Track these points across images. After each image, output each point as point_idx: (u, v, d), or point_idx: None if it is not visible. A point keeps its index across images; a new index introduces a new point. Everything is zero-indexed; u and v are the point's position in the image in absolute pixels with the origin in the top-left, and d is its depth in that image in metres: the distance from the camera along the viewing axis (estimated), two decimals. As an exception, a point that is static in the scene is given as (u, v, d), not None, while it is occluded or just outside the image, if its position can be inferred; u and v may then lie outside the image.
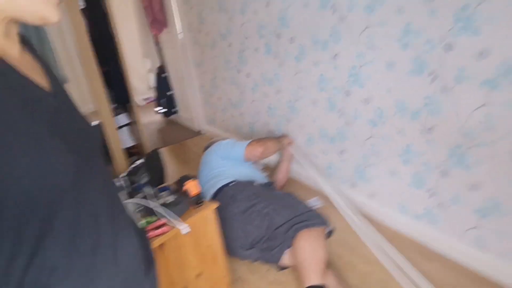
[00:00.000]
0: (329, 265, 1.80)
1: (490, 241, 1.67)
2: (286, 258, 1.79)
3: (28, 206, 0.54)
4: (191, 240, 1.27)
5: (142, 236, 0.81)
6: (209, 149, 2.41)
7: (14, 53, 0.59)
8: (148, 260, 0.79)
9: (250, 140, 2.33)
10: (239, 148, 2.27)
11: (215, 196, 2.00)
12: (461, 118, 1.57)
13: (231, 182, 2.02)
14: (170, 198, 1.30)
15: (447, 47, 1.51)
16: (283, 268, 1.86)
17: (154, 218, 1.23)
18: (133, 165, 2.25)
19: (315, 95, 2.29)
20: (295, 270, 1.76)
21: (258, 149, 2.26)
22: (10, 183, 0.51)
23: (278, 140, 2.50)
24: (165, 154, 3.54)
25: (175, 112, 4.34)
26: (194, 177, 1.38)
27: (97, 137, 0.74)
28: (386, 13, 1.69)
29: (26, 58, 0.63)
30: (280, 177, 2.59)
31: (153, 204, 1.26)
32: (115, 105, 2.90)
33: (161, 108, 4.36)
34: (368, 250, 1.94)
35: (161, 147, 3.71)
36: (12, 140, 0.50)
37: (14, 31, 0.59)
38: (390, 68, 1.77)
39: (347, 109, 2.11)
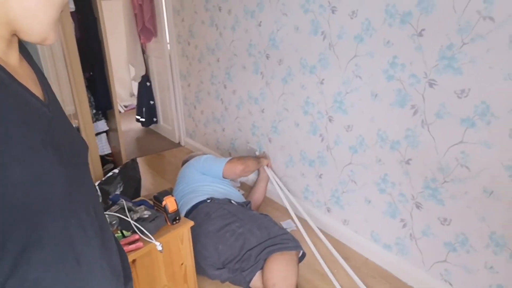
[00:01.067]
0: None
1: (456, 276, 1.70)
2: (257, 280, 1.77)
3: (15, 216, 0.52)
4: (164, 258, 1.24)
5: (121, 249, 0.80)
6: (187, 163, 2.38)
7: (13, 61, 0.59)
8: (126, 274, 0.78)
9: (230, 158, 2.32)
10: (219, 164, 2.26)
11: (190, 212, 1.97)
12: (439, 153, 1.61)
13: (207, 199, 2.00)
14: (146, 213, 1.27)
15: (431, 82, 1.56)
16: (253, 290, 1.83)
17: (128, 233, 1.19)
18: (108, 174, 2.20)
19: (299, 117, 2.31)
20: (265, 286, 1.74)
21: (238, 167, 2.26)
22: (1, 190, 0.49)
23: (258, 160, 2.50)
24: (142, 164, 3.48)
25: (154, 122, 4.29)
26: (171, 193, 1.35)
27: (86, 148, 0.73)
28: (374, 44, 1.74)
29: (24, 67, 0.63)
30: (256, 196, 2.58)
31: (129, 218, 1.22)
32: (95, 111, 2.84)
33: (140, 116, 4.31)
34: (338, 277, 1.94)
35: (138, 157, 3.65)
36: (7, 149, 0.49)
37: (16, 39, 0.59)
38: (374, 97, 1.81)
39: (329, 134, 2.13)
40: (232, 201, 2.08)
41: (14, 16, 0.53)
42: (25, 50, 0.67)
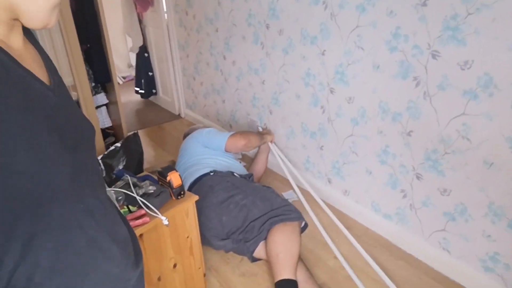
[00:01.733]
0: (300, 258, 1.83)
1: (454, 244, 1.74)
2: (260, 250, 1.81)
3: (22, 202, 0.53)
4: (170, 232, 1.27)
5: (129, 227, 0.81)
6: (189, 135, 2.39)
7: (17, 45, 0.58)
8: (136, 251, 0.78)
9: (233, 132, 2.32)
10: (222, 138, 2.26)
11: (193, 185, 1.99)
12: (440, 125, 1.61)
13: (210, 172, 2.02)
14: (152, 188, 1.29)
15: (434, 54, 1.54)
16: (256, 259, 1.89)
17: (134, 208, 1.21)
18: (111, 148, 2.21)
19: (300, 89, 2.30)
20: (268, 262, 1.79)
21: (240, 142, 2.26)
22: (6, 176, 0.50)
23: (261, 136, 2.50)
24: (142, 136, 3.48)
25: (154, 94, 4.26)
26: (176, 169, 1.36)
27: (93, 131, 0.73)
28: (377, 14, 1.70)
29: (29, 50, 0.62)
30: (258, 168, 2.61)
31: (135, 194, 1.24)
32: (93, 84, 2.82)
33: (140, 88, 4.27)
34: (339, 246, 1.99)
35: (139, 129, 3.65)
36: (11, 135, 0.49)
37: (19, 24, 0.58)
38: (377, 69, 1.79)
39: (330, 106, 2.13)
40: (235, 174, 2.10)
41: (16, 2, 0.52)
42: (30, 34, 0.66)
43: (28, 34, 0.65)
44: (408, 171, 1.83)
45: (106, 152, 2.23)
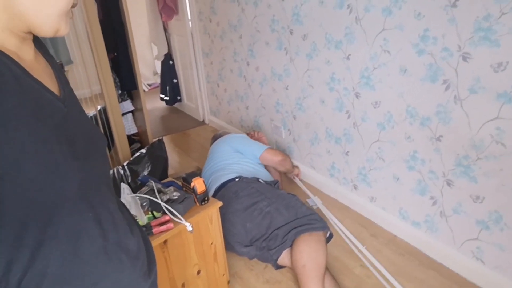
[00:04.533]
0: (326, 268, 1.78)
1: (488, 254, 1.67)
2: (284, 258, 1.79)
3: (31, 211, 0.54)
4: (194, 238, 1.26)
5: (144, 236, 0.81)
6: (220, 139, 2.39)
7: (29, 57, 0.59)
8: (150, 261, 0.78)
9: (270, 146, 2.37)
10: (260, 146, 2.31)
11: (219, 190, 1.99)
12: (472, 129, 1.55)
13: (236, 177, 2.01)
14: (176, 194, 1.29)
15: (465, 56, 1.48)
16: (280, 266, 1.86)
17: (159, 214, 1.22)
18: (136, 154, 2.25)
19: (324, 94, 2.27)
20: (293, 269, 1.76)
21: (278, 156, 2.32)
22: (16, 184, 0.50)
23: (293, 165, 2.55)
24: (167, 143, 3.53)
25: (178, 100, 4.31)
26: (200, 174, 1.36)
27: (104, 142, 0.74)
28: (404, 17, 1.66)
29: (40, 61, 0.63)
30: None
31: (159, 200, 1.25)
32: (120, 91, 2.88)
33: (165, 95, 4.33)
34: (364, 254, 1.94)
35: (164, 135, 3.70)
36: (20, 143, 0.50)
37: (30, 36, 0.59)
38: (404, 72, 1.74)
39: (356, 110, 2.09)
40: (260, 180, 2.09)
41: (23, 10, 0.53)
42: (42, 45, 0.67)
43: (40, 46, 0.66)
44: (438, 177, 1.77)
45: (131, 158, 2.27)
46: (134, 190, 1.55)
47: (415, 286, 1.74)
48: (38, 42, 0.65)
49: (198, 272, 1.32)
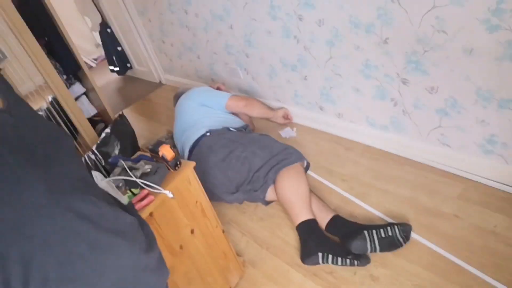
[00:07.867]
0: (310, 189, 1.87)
1: (452, 137, 1.78)
2: (270, 194, 1.86)
3: (7, 228, 0.54)
4: (177, 202, 1.30)
5: (135, 215, 0.81)
6: (183, 96, 2.36)
7: None
8: (148, 235, 0.79)
9: (235, 93, 2.34)
10: (224, 95, 2.29)
11: (193, 149, 2.01)
12: (413, 24, 1.57)
13: (206, 132, 2.02)
14: (148, 167, 1.30)
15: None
16: (269, 202, 1.94)
17: (137, 190, 1.24)
18: (102, 136, 2.21)
19: (268, 24, 2.22)
20: (283, 208, 1.85)
21: (242, 101, 2.31)
22: None
23: (272, 108, 2.51)
24: (131, 114, 3.46)
25: (129, 68, 4.15)
26: (166, 141, 1.36)
27: (69, 141, 0.72)
28: None
29: None
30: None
31: (133, 177, 1.26)
32: (65, 76, 2.74)
33: (114, 66, 4.16)
34: (345, 168, 2.04)
35: (125, 108, 3.61)
36: None
37: None
38: (338, -16, 1.71)
39: (302, 33, 2.07)
40: (230, 128, 2.11)
41: None
42: None
43: None
44: (393, 78, 1.82)
45: (98, 141, 2.24)
46: (109, 172, 1.55)
47: (395, 184, 1.86)
48: None
49: (192, 232, 1.38)
